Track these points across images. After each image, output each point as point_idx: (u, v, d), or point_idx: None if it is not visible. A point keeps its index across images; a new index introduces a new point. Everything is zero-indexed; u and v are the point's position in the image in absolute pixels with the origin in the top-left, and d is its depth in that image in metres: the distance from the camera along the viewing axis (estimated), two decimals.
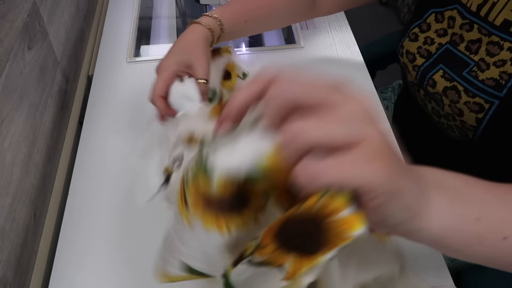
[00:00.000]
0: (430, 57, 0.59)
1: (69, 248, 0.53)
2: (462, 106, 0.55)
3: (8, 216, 0.49)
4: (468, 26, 0.55)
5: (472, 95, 0.54)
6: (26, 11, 0.58)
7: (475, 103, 0.53)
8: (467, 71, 0.55)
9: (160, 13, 0.94)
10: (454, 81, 0.56)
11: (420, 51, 0.61)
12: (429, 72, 0.59)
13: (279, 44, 0.84)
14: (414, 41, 0.62)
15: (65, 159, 0.66)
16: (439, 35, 0.59)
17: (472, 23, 0.54)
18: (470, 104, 0.54)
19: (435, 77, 0.58)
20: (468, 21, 0.55)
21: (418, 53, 0.61)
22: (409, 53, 0.62)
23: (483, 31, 0.53)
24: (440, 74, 0.58)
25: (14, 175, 0.51)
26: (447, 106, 0.57)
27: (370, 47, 0.94)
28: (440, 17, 0.59)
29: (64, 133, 0.70)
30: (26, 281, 0.52)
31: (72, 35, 0.77)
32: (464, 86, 0.54)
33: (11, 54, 0.52)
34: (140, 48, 0.82)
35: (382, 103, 0.89)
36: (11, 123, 0.51)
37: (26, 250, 0.53)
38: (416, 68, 0.61)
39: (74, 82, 0.77)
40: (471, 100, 0.54)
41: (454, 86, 0.56)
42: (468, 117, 0.55)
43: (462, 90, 0.55)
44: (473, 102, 0.53)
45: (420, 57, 0.61)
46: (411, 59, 0.62)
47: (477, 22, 0.54)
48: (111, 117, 0.68)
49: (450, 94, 0.56)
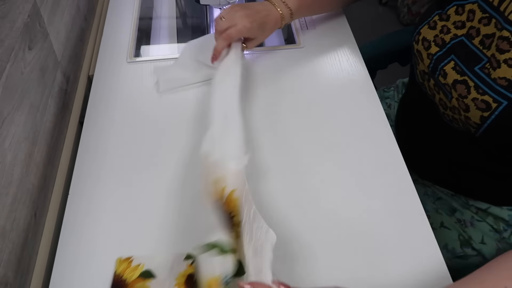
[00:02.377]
0: (444, 47, 0.59)
1: (69, 248, 0.54)
2: (470, 102, 0.54)
3: (8, 216, 0.49)
4: (486, 20, 0.55)
5: (481, 93, 0.53)
6: (27, 11, 0.58)
7: (483, 101, 0.53)
8: (479, 67, 0.54)
9: (160, 13, 0.94)
10: (465, 75, 0.55)
11: (436, 39, 0.61)
12: (441, 62, 0.59)
13: (279, 44, 0.84)
14: (432, 29, 0.61)
15: (65, 159, 0.66)
16: (456, 27, 0.59)
17: (491, 18, 0.54)
18: (478, 101, 0.53)
19: (447, 68, 0.58)
20: (488, 15, 0.54)
21: (434, 41, 0.61)
22: (425, 40, 0.62)
23: (498, 26, 0.53)
24: (451, 65, 0.57)
25: (15, 175, 0.51)
26: (454, 99, 0.57)
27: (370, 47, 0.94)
28: (461, 10, 0.58)
29: (64, 133, 0.70)
30: (26, 280, 0.52)
31: (72, 36, 0.78)
32: (475, 82, 0.54)
33: (11, 54, 0.52)
34: (141, 48, 0.82)
35: (385, 102, 0.89)
36: (11, 123, 0.51)
37: (26, 250, 0.53)
38: (430, 56, 0.61)
39: (74, 82, 0.77)
40: (480, 97, 0.53)
41: (465, 81, 0.55)
42: (473, 114, 0.54)
43: (473, 86, 0.54)
44: (481, 99, 0.53)
45: (435, 46, 0.60)
46: (426, 46, 0.62)
47: (495, 17, 0.53)
48: (112, 117, 0.68)
49: (459, 88, 0.56)
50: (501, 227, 0.66)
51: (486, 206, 0.67)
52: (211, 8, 0.88)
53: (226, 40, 0.66)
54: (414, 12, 1.93)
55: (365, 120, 0.67)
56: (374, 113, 0.68)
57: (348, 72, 0.74)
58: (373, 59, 0.89)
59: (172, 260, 0.52)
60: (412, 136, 0.74)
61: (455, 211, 0.71)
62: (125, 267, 0.51)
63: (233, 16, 0.66)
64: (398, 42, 0.94)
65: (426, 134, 0.71)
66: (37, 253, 0.55)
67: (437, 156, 0.70)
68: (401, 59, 0.94)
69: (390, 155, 0.63)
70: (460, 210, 0.70)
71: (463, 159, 0.66)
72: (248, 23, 0.66)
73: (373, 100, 0.70)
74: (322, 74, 0.74)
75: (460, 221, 0.70)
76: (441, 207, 0.72)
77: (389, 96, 0.90)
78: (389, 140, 0.64)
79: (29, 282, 0.53)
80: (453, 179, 0.70)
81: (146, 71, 0.75)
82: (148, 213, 0.57)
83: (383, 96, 0.90)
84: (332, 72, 0.75)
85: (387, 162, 0.62)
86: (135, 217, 0.56)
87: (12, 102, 0.52)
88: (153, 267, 0.51)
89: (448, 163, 0.69)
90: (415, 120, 0.74)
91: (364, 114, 0.68)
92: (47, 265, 0.55)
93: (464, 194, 0.70)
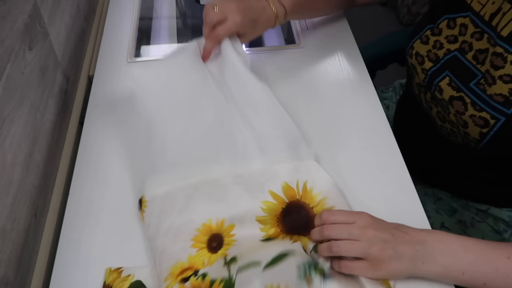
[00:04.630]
0: (437, 62, 0.59)
1: (69, 248, 0.54)
2: (467, 118, 0.54)
3: (9, 215, 0.49)
4: (478, 35, 0.54)
5: (479, 109, 0.52)
6: (27, 11, 0.58)
7: (480, 117, 0.52)
8: (474, 83, 0.53)
9: (160, 13, 0.94)
10: (461, 91, 0.55)
11: (429, 54, 0.60)
12: (436, 78, 0.58)
13: (279, 44, 0.84)
14: (425, 44, 0.61)
15: (65, 159, 0.66)
16: (449, 41, 0.58)
17: (483, 32, 0.53)
18: (476, 118, 0.53)
19: (442, 84, 0.57)
20: (480, 30, 0.54)
21: (427, 57, 0.60)
22: (418, 55, 0.61)
23: (491, 41, 0.52)
24: (446, 81, 0.57)
25: (15, 175, 0.51)
26: (452, 115, 0.56)
27: (370, 47, 0.94)
28: (452, 24, 0.58)
29: (64, 133, 0.70)
30: (27, 280, 0.52)
31: (72, 36, 0.78)
32: (471, 99, 0.53)
33: (12, 54, 0.52)
34: (141, 49, 0.82)
35: (383, 103, 0.89)
36: (12, 123, 0.51)
37: (27, 249, 0.53)
38: (424, 71, 0.60)
39: (74, 82, 0.77)
40: (477, 114, 0.52)
41: (461, 97, 0.55)
42: (472, 130, 0.54)
43: (469, 103, 0.53)
44: (479, 116, 0.52)
45: (428, 61, 0.60)
46: (420, 61, 0.61)
47: (487, 32, 0.53)
48: (112, 117, 0.68)
49: (456, 104, 0.55)
50: (501, 228, 0.66)
51: (486, 207, 0.67)
52: None
53: (214, 40, 0.64)
54: (414, 12, 1.93)
55: (365, 120, 0.67)
56: (374, 113, 0.68)
57: (348, 72, 0.74)
58: (372, 59, 0.89)
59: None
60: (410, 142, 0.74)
61: (455, 212, 0.70)
62: (114, 277, 0.50)
63: (225, 8, 0.63)
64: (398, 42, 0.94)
65: (423, 144, 0.71)
66: (37, 253, 0.55)
67: (435, 163, 0.70)
68: (400, 59, 0.94)
69: (390, 155, 0.63)
70: (460, 211, 0.70)
71: (462, 169, 0.65)
72: (240, 19, 0.63)
73: (373, 100, 0.70)
74: (322, 74, 0.74)
75: (460, 222, 0.70)
76: (442, 208, 0.72)
77: (388, 97, 0.90)
78: (389, 140, 0.64)
79: (29, 282, 0.53)
80: (451, 185, 0.70)
81: (146, 71, 0.75)
82: None
83: (381, 97, 0.90)
84: (332, 72, 0.75)
85: (387, 162, 0.62)
86: (135, 218, 0.56)
87: (12, 102, 0.52)
88: (143, 278, 0.50)
89: (447, 171, 0.69)
90: (412, 130, 0.73)
91: (364, 114, 0.68)
92: (47, 265, 0.55)
93: (463, 198, 0.70)
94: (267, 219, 0.53)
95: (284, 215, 0.53)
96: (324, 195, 0.54)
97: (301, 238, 0.51)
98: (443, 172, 0.69)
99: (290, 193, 0.54)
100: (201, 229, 0.51)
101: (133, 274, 0.50)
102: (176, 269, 0.48)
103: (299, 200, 0.54)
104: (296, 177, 0.55)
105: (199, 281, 0.47)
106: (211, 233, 0.51)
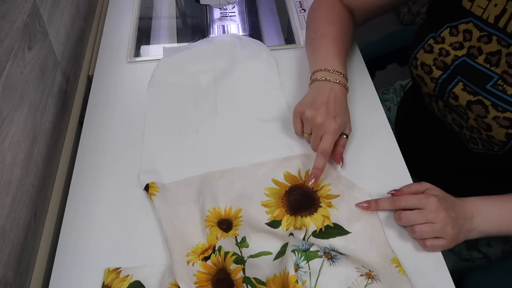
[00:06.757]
0: (447, 69, 0.58)
1: (69, 248, 0.54)
2: (491, 121, 0.53)
3: (8, 216, 0.49)
4: (486, 38, 0.54)
5: (501, 110, 0.52)
6: (27, 11, 0.58)
7: (505, 118, 0.52)
8: (491, 85, 0.53)
9: (160, 13, 0.94)
10: (479, 95, 0.54)
11: (436, 63, 0.59)
12: (448, 85, 0.58)
13: (279, 44, 0.84)
14: (429, 53, 0.60)
15: (65, 159, 0.66)
16: (454, 48, 0.58)
17: (491, 35, 0.53)
18: (500, 119, 0.53)
19: (456, 90, 0.57)
20: (486, 33, 0.54)
21: (434, 65, 0.60)
22: (424, 65, 0.61)
23: (502, 43, 0.52)
24: (460, 87, 0.56)
25: (15, 175, 0.51)
26: (472, 119, 0.56)
27: (370, 47, 0.94)
28: (455, 31, 0.57)
29: (64, 133, 0.70)
30: (26, 280, 0.52)
31: (72, 35, 0.78)
32: (491, 101, 0.53)
33: (11, 54, 0.52)
34: (140, 48, 0.82)
35: (384, 105, 0.89)
36: (11, 123, 0.51)
37: (26, 249, 0.53)
38: (434, 80, 0.60)
39: (74, 82, 0.77)
40: (501, 115, 0.52)
41: (480, 100, 0.54)
42: (497, 132, 0.54)
43: (490, 105, 0.53)
44: (502, 117, 0.52)
45: (436, 69, 0.59)
46: (427, 71, 0.60)
47: (495, 34, 0.53)
48: (111, 117, 0.68)
49: (475, 108, 0.55)
50: None
51: None
52: (211, 8, 0.88)
53: (325, 157, 0.57)
54: (414, 12, 1.93)
55: (365, 120, 0.67)
56: (374, 114, 0.68)
57: (348, 72, 0.74)
58: (372, 59, 0.89)
59: (163, 271, 0.51)
60: (413, 144, 0.73)
61: None
62: (113, 277, 0.50)
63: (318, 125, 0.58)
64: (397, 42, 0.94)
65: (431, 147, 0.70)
66: (37, 253, 0.55)
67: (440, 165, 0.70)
68: (400, 60, 0.94)
69: (391, 155, 0.63)
70: None
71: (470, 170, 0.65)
72: (333, 123, 0.58)
73: (373, 100, 0.70)
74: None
75: None
76: None
77: (388, 99, 0.90)
78: (390, 140, 0.64)
79: (29, 282, 0.53)
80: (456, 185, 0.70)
81: (146, 71, 0.75)
82: (148, 213, 0.57)
83: (382, 99, 0.90)
84: None
85: (387, 162, 0.62)
86: (135, 217, 0.56)
87: (12, 102, 0.52)
88: (142, 279, 0.50)
89: (452, 172, 0.68)
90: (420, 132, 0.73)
91: (364, 114, 0.68)
92: (47, 265, 0.55)
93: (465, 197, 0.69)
94: (271, 203, 0.57)
95: (288, 195, 0.58)
96: (327, 181, 0.59)
97: (305, 219, 0.55)
98: (448, 173, 0.69)
99: (292, 179, 0.60)
100: (211, 211, 0.56)
101: (131, 274, 0.51)
102: (198, 249, 0.53)
103: (302, 184, 0.59)
104: (298, 167, 0.61)
105: (217, 257, 0.51)
106: (220, 218, 0.56)
